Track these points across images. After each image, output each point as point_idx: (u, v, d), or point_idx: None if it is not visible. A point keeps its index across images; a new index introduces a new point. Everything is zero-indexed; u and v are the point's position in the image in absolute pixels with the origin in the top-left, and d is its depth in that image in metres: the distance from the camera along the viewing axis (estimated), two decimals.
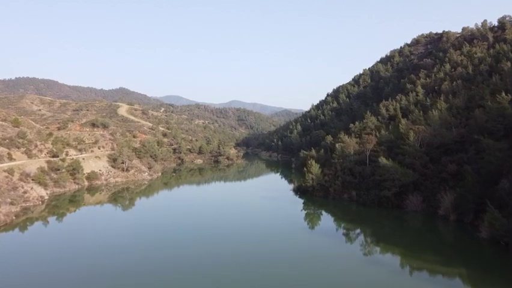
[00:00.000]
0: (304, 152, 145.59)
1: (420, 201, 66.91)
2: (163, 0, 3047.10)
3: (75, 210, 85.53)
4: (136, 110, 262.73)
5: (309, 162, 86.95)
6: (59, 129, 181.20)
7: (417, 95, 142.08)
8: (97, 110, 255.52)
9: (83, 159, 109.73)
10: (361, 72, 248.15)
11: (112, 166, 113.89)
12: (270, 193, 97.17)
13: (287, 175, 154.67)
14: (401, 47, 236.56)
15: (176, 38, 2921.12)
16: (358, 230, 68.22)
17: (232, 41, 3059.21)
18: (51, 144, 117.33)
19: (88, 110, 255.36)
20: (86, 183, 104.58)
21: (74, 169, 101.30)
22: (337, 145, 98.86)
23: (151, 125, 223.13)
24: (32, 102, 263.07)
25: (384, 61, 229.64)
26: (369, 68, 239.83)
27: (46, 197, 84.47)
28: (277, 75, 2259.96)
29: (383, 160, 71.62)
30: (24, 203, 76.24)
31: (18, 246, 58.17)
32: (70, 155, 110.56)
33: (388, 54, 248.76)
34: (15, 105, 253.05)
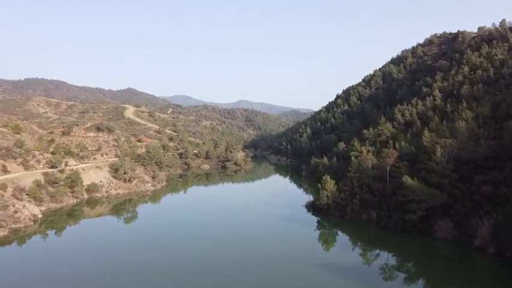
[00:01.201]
0: (316, 159, 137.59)
1: (451, 228, 58.58)
2: (168, 0, 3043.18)
3: (74, 224, 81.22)
4: (142, 112, 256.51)
5: (324, 178, 78.75)
6: (63, 133, 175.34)
7: (434, 100, 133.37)
8: (104, 112, 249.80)
9: (83, 169, 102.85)
10: (372, 73, 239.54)
11: (114, 177, 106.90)
12: (281, 210, 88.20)
13: (297, 181, 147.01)
14: (413, 47, 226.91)
15: (184, 38, 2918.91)
16: (378, 253, 61.70)
17: (241, 40, 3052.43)
18: (51, 153, 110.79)
19: (94, 112, 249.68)
20: (85, 195, 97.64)
21: (73, 181, 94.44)
22: (352, 157, 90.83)
23: (157, 127, 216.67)
24: (39, 105, 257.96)
25: (396, 62, 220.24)
26: (380, 69, 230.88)
27: (40, 216, 77.35)
28: (285, 75, 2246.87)
29: (407, 180, 63.43)
30: (14, 224, 69.17)
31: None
32: (70, 166, 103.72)
33: (400, 54, 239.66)
34: (21, 108, 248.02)
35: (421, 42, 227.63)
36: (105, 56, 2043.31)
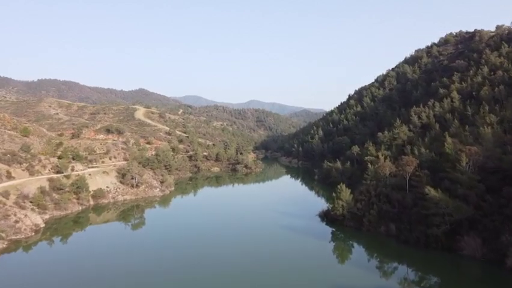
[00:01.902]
0: (329, 163, 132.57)
1: (480, 244, 53.36)
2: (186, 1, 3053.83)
3: (80, 230, 78.77)
4: (153, 113, 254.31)
5: (339, 186, 73.86)
6: (73, 135, 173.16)
7: (452, 102, 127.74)
8: (114, 114, 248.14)
9: (90, 175, 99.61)
10: (385, 73, 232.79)
11: (121, 182, 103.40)
12: (293, 219, 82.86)
13: (309, 185, 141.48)
14: (427, 47, 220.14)
15: (196, 39, 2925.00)
16: (396, 267, 58.31)
17: (254, 39, 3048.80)
18: (59, 157, 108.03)
19: (105, 114, 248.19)
20: (91, 202, 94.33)
21: (79, 187, 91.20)
22: (368, 162, 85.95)
23: (168, 129, 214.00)
24: (50, 106, 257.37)
25: (410, 62, 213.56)
26: (393, 69, 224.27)
27: (42, 225, 73.87)
28: (295, 75, 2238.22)
29: (430, 191, 58.43)
30: (14, 235, 65.82)
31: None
32: (76, 171, 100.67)
33: (413, 54, 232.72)
34: (33, 109, 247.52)
35: (436, 41, 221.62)
36: (117, 56, 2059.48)
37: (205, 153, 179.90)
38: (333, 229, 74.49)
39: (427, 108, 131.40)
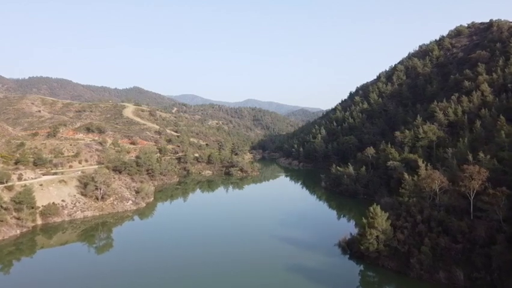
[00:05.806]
0: (338, 168, 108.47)
1: None
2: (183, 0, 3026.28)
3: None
4: (143, 111, 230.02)
5: (372, 209, 49.37)
6: (48, 135, 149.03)
7: (483, 95, 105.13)
8: (101, 112, 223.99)
9: (41, 185, 75.20)
10: (387, 70, 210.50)
11: (82, 194, 78.93)
12: (302, 252, 57.80)
13: (315, 193, 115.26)
14: (436, 40, 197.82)
15: (193, 38, 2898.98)
16: None
17: (250, 39, 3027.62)
18: (16, 161, 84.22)
19: (91, 111, 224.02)
20: (39, 221, 70.20)
21: (21, 203, 67.14)
22: (405, 175, 62.32)
23: (157, 127, 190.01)
24: (33, 103, 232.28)
25: (420, 55, 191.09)
26: (400, 63, 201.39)
27: None
28: (293, 74, 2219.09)
29: None
30: None
31: None
32: (25, 179, 76.51)
33: (417, 49, 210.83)
34: (13, 106, 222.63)
35: (445, 34, 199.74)
36: (113, 54, 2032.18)
37: (196, 155, 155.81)
38: (362, 267, 50.68)
39: (452, 103, 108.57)
